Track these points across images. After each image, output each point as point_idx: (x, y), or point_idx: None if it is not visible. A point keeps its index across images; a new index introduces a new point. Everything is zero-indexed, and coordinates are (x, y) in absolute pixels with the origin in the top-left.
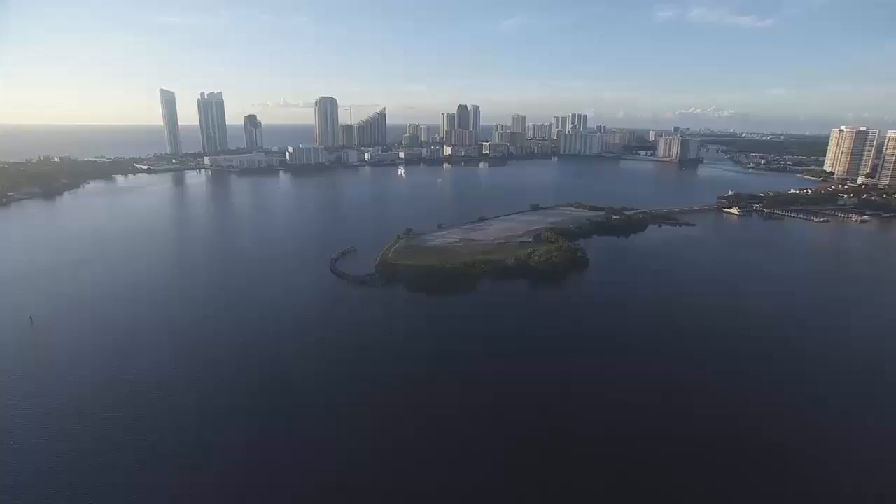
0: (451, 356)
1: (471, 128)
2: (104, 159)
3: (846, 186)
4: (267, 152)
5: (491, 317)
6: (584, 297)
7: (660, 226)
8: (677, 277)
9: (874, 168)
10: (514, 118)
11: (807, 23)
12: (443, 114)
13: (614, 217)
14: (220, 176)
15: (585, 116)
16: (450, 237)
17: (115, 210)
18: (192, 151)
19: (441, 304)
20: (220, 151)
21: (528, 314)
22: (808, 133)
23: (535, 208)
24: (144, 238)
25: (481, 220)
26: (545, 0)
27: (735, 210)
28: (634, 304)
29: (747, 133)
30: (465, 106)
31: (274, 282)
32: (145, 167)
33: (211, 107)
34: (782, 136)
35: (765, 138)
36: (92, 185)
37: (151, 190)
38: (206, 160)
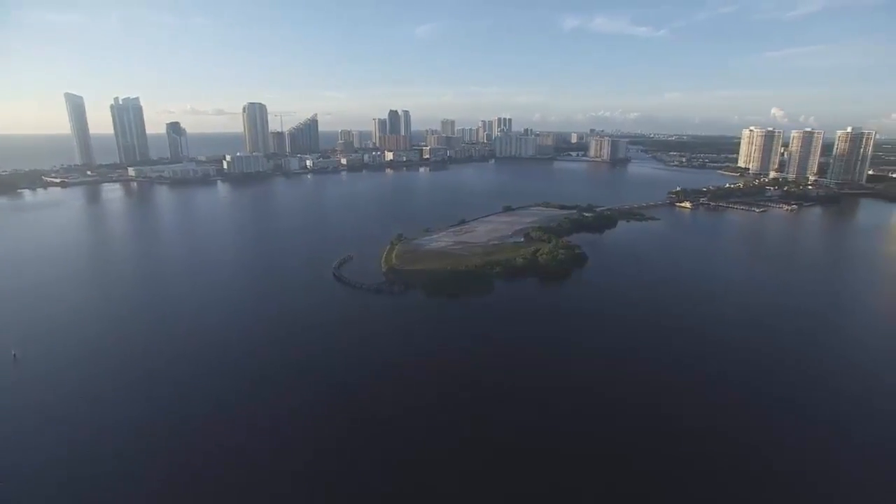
0: (470, 356)
1: (402, 132)
2: None
3: (767, 180)
4: (198, 162)
5: (514, 317)
6: (592, 295)
7: (628, 221)
8: (671, 273)
9: (781, 164)
10: (443, 122)
11: (693, 34)
12: (374, 119)
13: (586, 215)
14: (149, 188)
15: (511, 120)
16: (442, 241)
17: (47, 229)
18: (108, 162)
19: (463, 306)
20: (142, 162)
21: (543, 313)
22: (702, 133)
23: (508, 209)
24: (104, 260)
25: (462, 222)
26: (457, 7)
27: (687, 204)
28: (640, 304)
29: (654, 134)
30: (396, 111)
31: (284, 298)
32: (57, 180)
33: (127, 113)
34: (685, 137)
35: (669, 139)
36: None
37: (75, 205)
38: (131, 171)
